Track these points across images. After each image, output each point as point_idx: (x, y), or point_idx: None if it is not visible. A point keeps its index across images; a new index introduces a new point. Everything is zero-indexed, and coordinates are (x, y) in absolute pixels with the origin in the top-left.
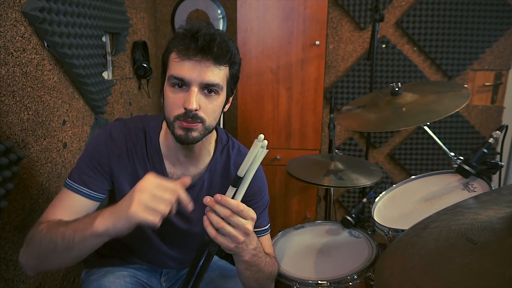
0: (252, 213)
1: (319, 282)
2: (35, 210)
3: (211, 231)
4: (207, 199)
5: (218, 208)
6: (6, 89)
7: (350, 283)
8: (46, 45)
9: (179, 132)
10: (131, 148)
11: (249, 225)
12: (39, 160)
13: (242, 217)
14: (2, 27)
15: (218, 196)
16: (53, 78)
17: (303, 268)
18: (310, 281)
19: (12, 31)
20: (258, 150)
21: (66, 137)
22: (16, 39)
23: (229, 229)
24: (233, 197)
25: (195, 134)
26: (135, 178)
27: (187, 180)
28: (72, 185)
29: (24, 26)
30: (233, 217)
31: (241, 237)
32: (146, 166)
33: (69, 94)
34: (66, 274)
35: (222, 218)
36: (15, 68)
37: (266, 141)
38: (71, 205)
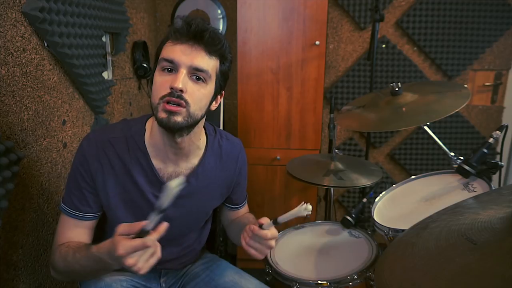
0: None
1: (319, 282)
2: (35, 210)
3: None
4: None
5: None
6: (6, 89)
7: (350, 283)
8: (46, 45)
9: (162, 115)
10: (110, 160)
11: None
12: (39, 160)
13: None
14: (2, 27)
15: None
16: (53, 78)
17: (303, 268)
18: (310, 281)
19: (12, 31)
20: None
21: (66, 137)
22: (16, 39)
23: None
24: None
25: (178, 118)
26: (122, 186)
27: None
28: (66, 210)
29: (24, 26)
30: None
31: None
32: (130, 171)
33: (69, 94)
34: None
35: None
36: (15, 68)
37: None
38: (74, 230)
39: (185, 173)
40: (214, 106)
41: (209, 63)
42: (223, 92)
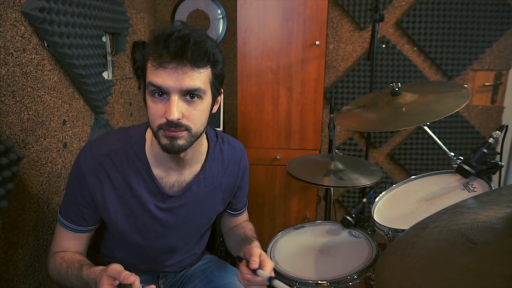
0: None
1: (319, 282)
2: (35, 210)
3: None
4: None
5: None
6: (6, 89)
7: (350, 283)
8: (46, 45)
9: (164, 141)
10: (109, 174)
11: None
12: (39, 160)
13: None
14: (2, 27)
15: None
16: (53, 78)
17: (303, 268)
18: (310, 281)
19: (12, 31)
20: None
21: (66, 137)
22: (16, 39)
23: None
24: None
25: (180, 142)
26: (123, 200)
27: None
28: (63, 222)
29: (24, 26)
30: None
31: None
32: (131, 183)
33: (69, 94)
34: None
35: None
36: (15, 68)
37: None
38: (69, 240)
39: (188, 181)
40: (215, 109)
41: (200, 79)
42: (222, 91)
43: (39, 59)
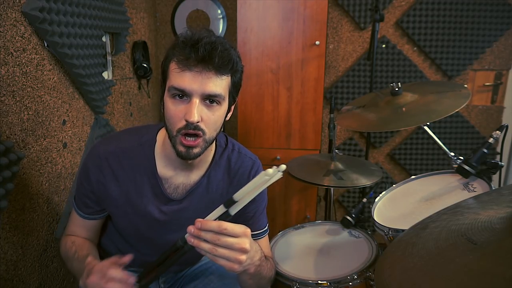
0: (239, 228)
1: (319, 282)
2: (35, 210)
3: (210, 257)
4: (191, 229)
5: (203, 234)
6: (6, 89)
7: (350, 283)
8: (46, 45)
9: (181, 148)
10: (114, 171)
11: (245, 243)
12: (39, 160)
13: (232, 236)
14: (2, 27)
15: (198, 223)
16: (53, 78)
17: (303, 268)
18: (310, 281)
19: (12, 31)
20: (262, 180)
21: (66, 137)
22: (16, 39)
23: (222, 251)
24: (220, 217)
25: (196, 150)
26: (126, 197)
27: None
28: (75, 207)
29: (24, 26)
30: (220, 240)
31: (240, 257)
32: (137, 182)
33: (69, 94)
34: (66, 274)
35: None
36: (15, 68)
37: (270, 170)
38: (81, 225)
39: (193, 183)
40: (228, 117)
41: (221, 85)
42: (237, 100)
43: (39, 59)
